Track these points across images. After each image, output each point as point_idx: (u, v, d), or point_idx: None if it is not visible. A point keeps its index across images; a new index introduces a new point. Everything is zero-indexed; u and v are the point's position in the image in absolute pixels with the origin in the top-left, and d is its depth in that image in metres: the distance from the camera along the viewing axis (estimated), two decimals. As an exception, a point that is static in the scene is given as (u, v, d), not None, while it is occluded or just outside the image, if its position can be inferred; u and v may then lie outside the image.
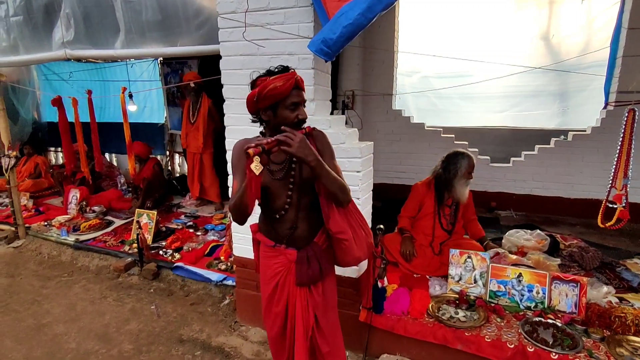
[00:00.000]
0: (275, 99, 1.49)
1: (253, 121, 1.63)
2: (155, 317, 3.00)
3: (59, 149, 7.56)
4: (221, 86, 2.54)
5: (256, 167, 1.37)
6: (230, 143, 2.57)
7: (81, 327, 2.90)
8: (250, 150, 1.36)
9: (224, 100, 2.56)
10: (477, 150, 4.95)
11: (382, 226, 2.25)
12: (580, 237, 3.78)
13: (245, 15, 2.25)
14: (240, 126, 2.52)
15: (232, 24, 2.37)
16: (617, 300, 2.54)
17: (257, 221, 1.80)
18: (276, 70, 1.54)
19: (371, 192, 2.52)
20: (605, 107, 4.28)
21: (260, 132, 1.67)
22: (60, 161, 7.54)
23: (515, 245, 3.24)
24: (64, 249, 4.13)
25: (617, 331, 2.18)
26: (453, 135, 5.09)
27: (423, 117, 5.41)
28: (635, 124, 1.69)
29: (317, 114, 2.33)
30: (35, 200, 5.43)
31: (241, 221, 1.59)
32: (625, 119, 1.72)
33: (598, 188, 4.36)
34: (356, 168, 2.26)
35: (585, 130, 4.50)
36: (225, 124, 2.57)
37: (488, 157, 4.91)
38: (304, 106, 1.60)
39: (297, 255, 1.67)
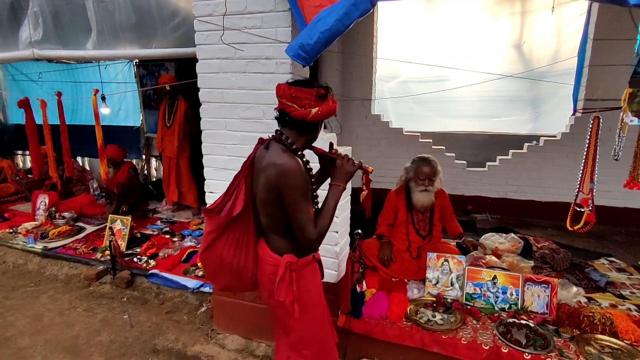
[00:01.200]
0: (328, 117, 1.57)
1: (308, 132, 1.56)
2: (128, 327, 2.90)
3: (27, 152, 7.25)
4: (198, 89, 2.50)
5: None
6: (207, 147, 2.53)
7: (48, 339, 2.76)
8: (370, 168, 1.59)
9: (200, 104, 2.51)
10: (454, 154, 5.06)
11: (359, 231, 2.25)
12: (552, 239, 3.91)
13: (223, 19, 2.22)
14: (217, 130, 2.49)
15: (209, 27, 2.33)
16: (586, 300, 2.64)
17: (276, 252, 1.60)
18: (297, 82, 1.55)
19: (350, 196, 2.53)
20: (573, 114, 4.46)
21: (289, 141, 1.53)
22: (28, 165, 7.21)
23: (490, 248, 3.31)
24: (30, 257, 3.93)
25: (585, 330, 2.25)
26: (431, 140, 5.19)
27: (402, 122, 5.48)
28: (600, 131, 1.77)
29: (295, 118, 2.32)
30: (0, 206, 5.17)
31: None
32: (591, 126, 1.80)
33: (567, 191, 4.49)
34: (334, 173, 2.26)
35: (555, 136, 4.67)
36: (202, 128, 2.53)
37: (465, 162, 5.02)
38: None
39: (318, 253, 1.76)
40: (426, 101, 5.91)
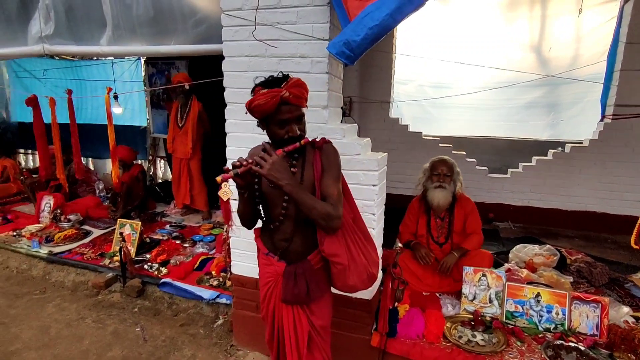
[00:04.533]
0: (262, 114, 1.45)
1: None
2: (141, 341, 2.72)
3: (30, 151, 7.07)
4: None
5: (224, 192, 1.40)
6: (232, 152, 2.35)
7: (56, 354, 2.57)
8: (218, 178, 1.37)
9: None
10: (475, 160, 4.89)
11: (400, 245, 2.07)
12: (580, 250, 3.74)
13: (255, 13, 2.05)
14: (243, 133, 2.31)
15: (238, 22, 2.16)
16: (634, 320, 2.46)
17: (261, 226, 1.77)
18: (271, 79, 1.44)
19: (384, 207, 2.35)
20: (602, 120, 4.30)
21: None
22: (32, 164, 7.04)
23: (522, 261, 3.15)
24: (35, 262, 3.75)
25: (643, 356, 2.09)
26: (451, 145, 5.02)
27: (417, 126, 5.32)
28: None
29: (330, 122, 2.15)
30: (3, 207, 4.98)
31: (247, 227, 1.68)
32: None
33: (595, 200, 4.37)
34: (372, 182, 2.09)
35: (582, 142, 4.51)
36: (226, 130, 2.35)
37: (486, 168, 4.86)
38: (302, 120, 1.51)
39: (285, 269, 1.58)
40: (443, 105, 5.77)
